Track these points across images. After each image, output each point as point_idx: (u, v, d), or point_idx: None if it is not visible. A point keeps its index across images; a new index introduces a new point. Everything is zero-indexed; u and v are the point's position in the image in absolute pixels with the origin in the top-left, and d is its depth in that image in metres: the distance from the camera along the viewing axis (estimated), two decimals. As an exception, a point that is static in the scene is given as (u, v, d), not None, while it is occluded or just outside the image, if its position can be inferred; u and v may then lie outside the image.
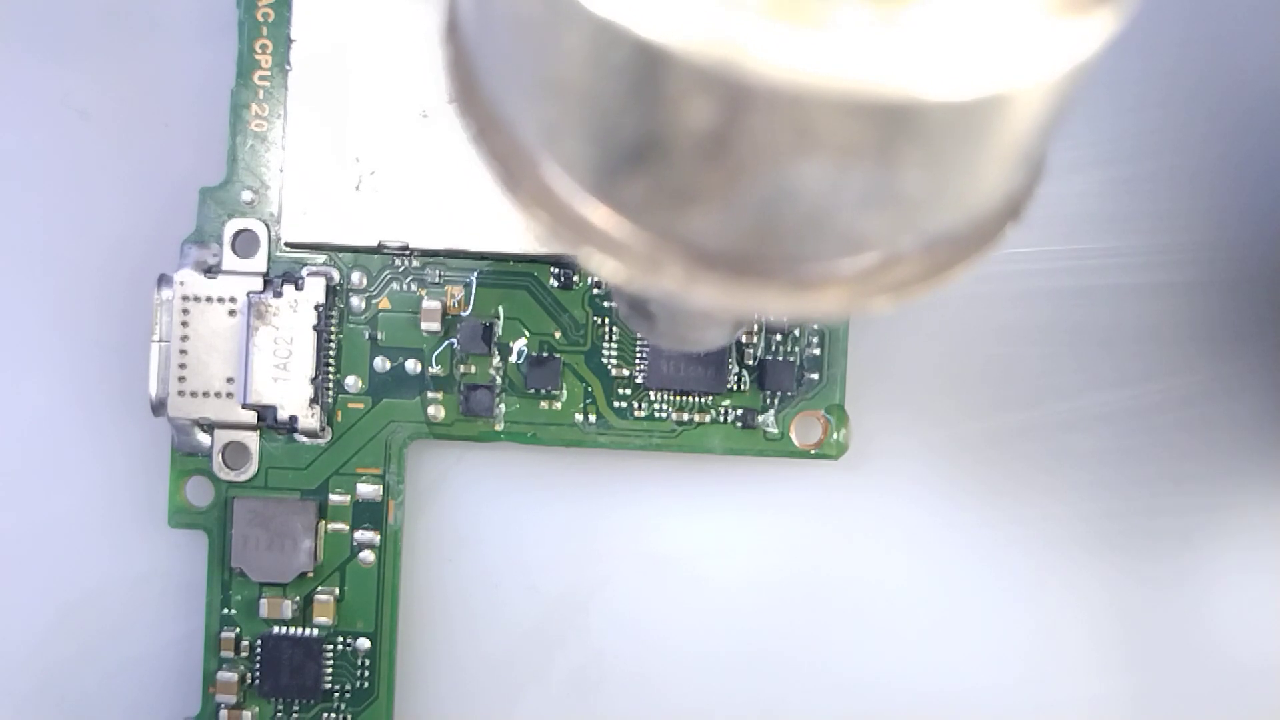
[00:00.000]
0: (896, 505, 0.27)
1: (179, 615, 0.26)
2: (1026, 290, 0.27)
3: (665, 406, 0.26)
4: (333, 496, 0.25)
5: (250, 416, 0.25)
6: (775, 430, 0.26)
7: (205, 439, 0.25)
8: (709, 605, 0.27)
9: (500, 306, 0.25)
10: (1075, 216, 0.27)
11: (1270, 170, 0.27)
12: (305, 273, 0.25)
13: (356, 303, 0.25)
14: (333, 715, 0.25)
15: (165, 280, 0.25)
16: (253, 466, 0.25)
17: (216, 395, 0.24)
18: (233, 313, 0.24)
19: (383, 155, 0.25)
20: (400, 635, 0.26)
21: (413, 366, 0.25)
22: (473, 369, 0.25)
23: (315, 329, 0.25)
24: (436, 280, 0.25)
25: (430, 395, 0.25)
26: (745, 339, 0.25)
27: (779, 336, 0.26)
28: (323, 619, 0.25)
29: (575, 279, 0.25)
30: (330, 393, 0.25)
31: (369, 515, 0.25)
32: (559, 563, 0.27)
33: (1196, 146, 0.27)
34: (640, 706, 0.27)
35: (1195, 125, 0.27)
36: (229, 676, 0.25)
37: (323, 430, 0.25)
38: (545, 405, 0.25)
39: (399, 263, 0.25)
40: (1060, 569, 0.27)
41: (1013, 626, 0.27)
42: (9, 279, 0.26)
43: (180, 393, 0.24)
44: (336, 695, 0.25)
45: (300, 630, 0.25)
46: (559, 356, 0.25)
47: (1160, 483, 0.27)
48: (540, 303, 0.25)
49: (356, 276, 0.25)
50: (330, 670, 0.25)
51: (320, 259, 0.25)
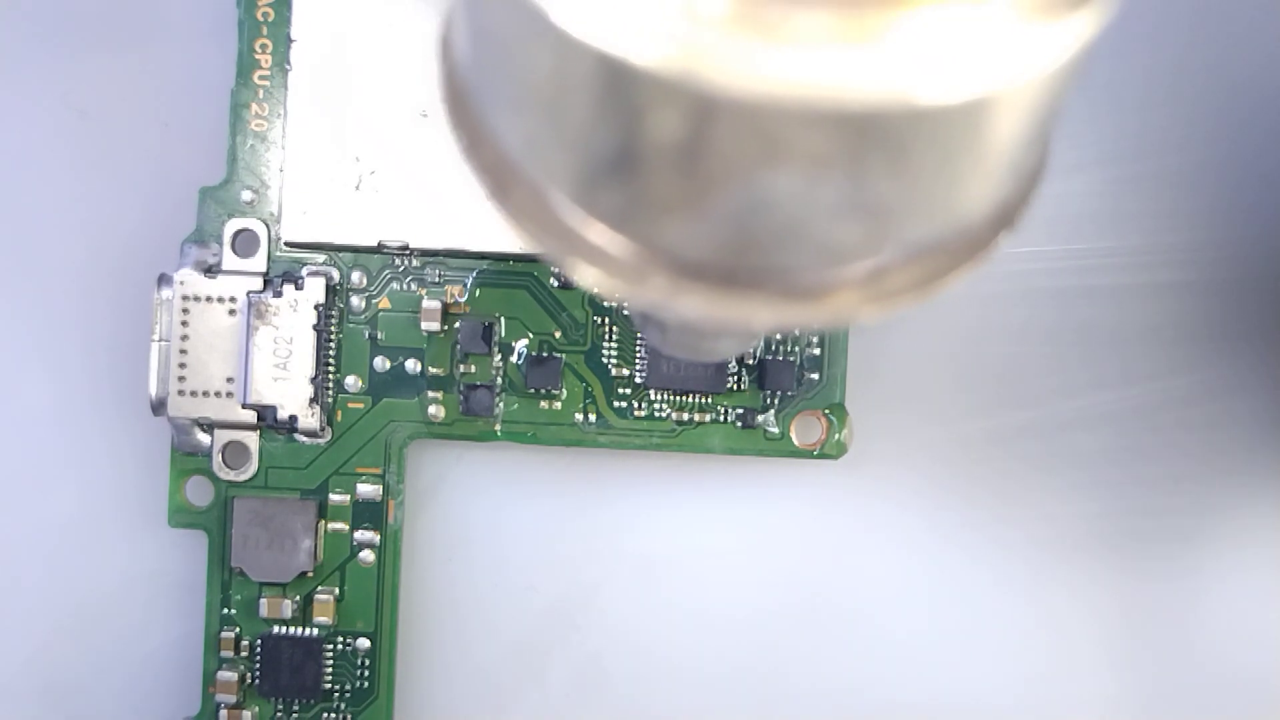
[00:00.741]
0: (897, 505, 0.27)
1: (179, 615, 0.26)
2: (1027, 290, 0.27)
3: (665, 406, 0.26)
4: (333, 496, 0.25)
5: (250, 416, 0.25)
6: (775, 430, 0.26)
7: (205, 439, 0.25)
8: (708, 604, 0.27)
9: (500, 306, 0.25)
10: (1077, 216, 0.27)
11: (1273, 169, 0.27)
12: (305, 272, 0.25)
13: (356, 302, 0.25)
14: (333, 715, 0.25)
15: (165, 280, 0.25)
16: (253, 466, 0.25)
17: (216, 395, 0.24)
18: (233, 312, 0.24)
19: (383, 155, 0.25)
20: (400, 635, 0.26)
21: (413, 366, 0.25)
22: (473, 369, 0.25)
23: (315, 329, 0.25)
24: (436, 280, 0.25)
25: (430, 395, 0.25)
26: (754, 345, 0.25)
27: (779, 336, 0.25)
28: (323, 619, 0.25)
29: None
30: (330, 392, 0.25)
31: (369, 515, 0.25)
32: (558, 562, 0.27)
33: (1199, 146, 0.27)
34: (640, 706, 0.27)
35: (1198, 124, 0.27)
36: (229, 676, 0.25)
37: (322, 430, 0.25)
38: (545, 405, 0.25)
39: (399, 262, 0.25)
40: (1061, 568, 0.27)
41: (1013, 626, 0.27)
42: (8, 279, 0.26)
43: (180, 392, 0.24)
44: (336, 695, 0.25)
45: (300, 630, 0.25)
46: (559, 356, 0.25)
47: (1162, 482, 0.27)
48: (540, 302, 0.25)
49: (356, 276, 0.25)
50: (330, 670, 0.25)
51: (320, 258, 0.25)
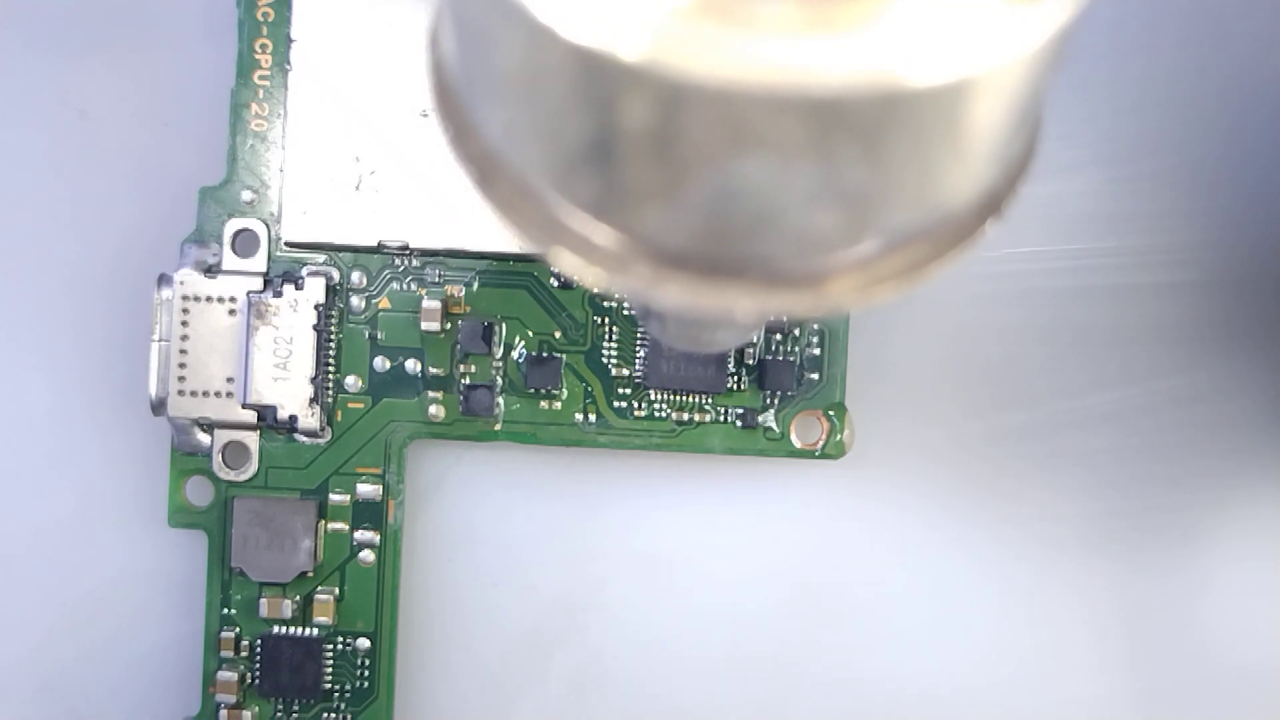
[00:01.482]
0: (897, 504, 0.27)
1: (179, 615, 0.26)
2: (1027, 290, 0.27)
3: (665, 406, 0.26)
4: (332, 496, 0.25)
5: (250, 416, 0.25)
6: (775, 430, 0.26)
7: (205, 438, 0.25)
8: (708, 604, 0.27)
9: (500, 306, 0.25)
10: (1076, 216, 0.27)
11: (1271, 170, 0.27)
12: (305, 272, 0.25)
13: (356, 302, 0.25)
14: (332, 715, 0.25)
15: (165, 280, 0.25)
16: (253, 466, 0.25)
17: (216, 395, 0.24)
18: (233, 312, 0.24)
19: (383, 155, 0.25)
20: (400, 635, 0.26)
21: (413, 366, 0.25)
22: (472, 368, 0.25)
23: (315, 328, 0.25)
24: (436, 280, 0.25)
25: (430, 395, 0.25)
26: (755, 336, 0.25)
27: (779, 336, 0.25)
28: (322, 619, 0.25)
29: (575, 278, 0.25)
30: (330, 392, 0.25)
31: (369, 515, 0.25)
32: (558, 562, 0.27)
33: (1197, 146, 0.27)
34: (640, 706, 0.27)
35: (1196, 125, 0.27)
36: (229, 676, 0.25)
37: (322, 430, 0.25)
38: (545, 405, 0.25)
39: (399, 262, 0.25)
40: (1061, 568, 0.27)
41: (1014, 625, 0.27)
42: (9, 278, 0.26)
43: (180, 392, 0.24)
44: (336, 695, 0.25)
45: (300, 630, 0.25)
46: (559, 356, 0.25)
47: (1161, 482, 0.27)
48: (540, 302, 0.25)
49: (356, 276, 0.25)
50: (330, 670, 0.25)
51: (320, 258, 0.25)
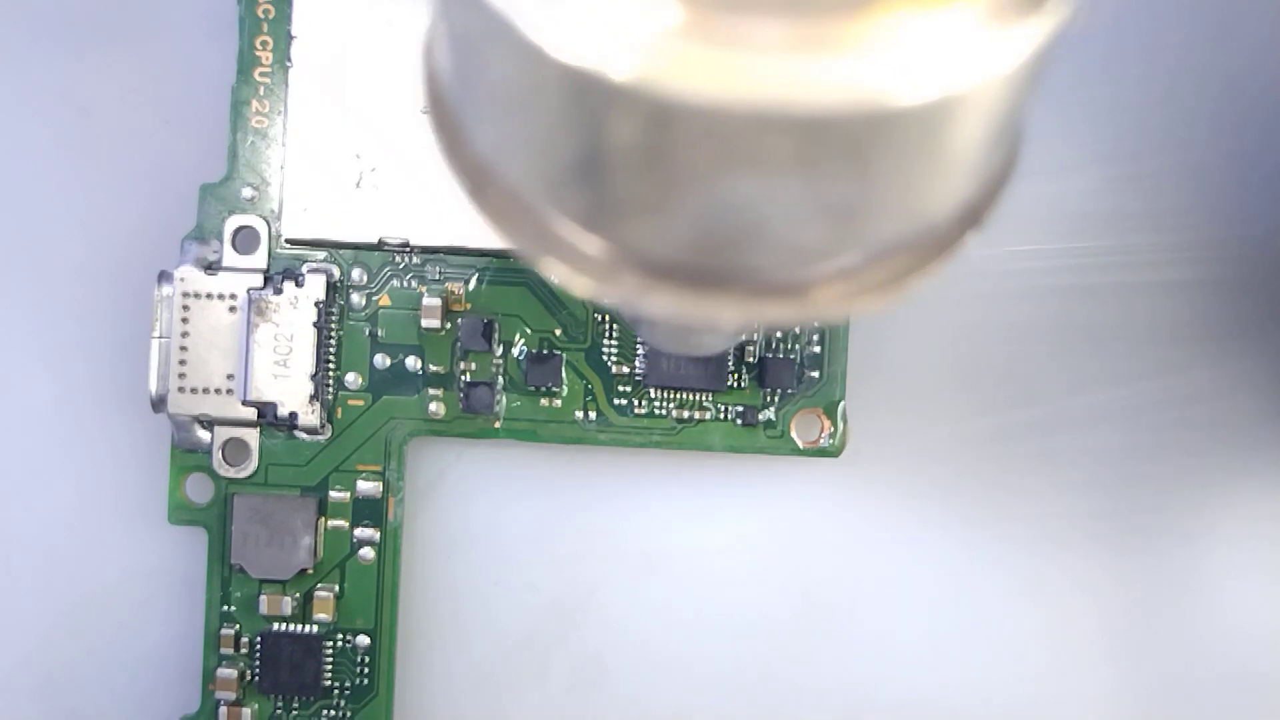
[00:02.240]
0: (897, 502, 0.27)
1: (178, 612, 0.26)
2: (1029, 288, 0.27)
3: (665, 404, 0.26)
4: (333, 493, 0.25)
5: (250, 413, 0.25)
6: (776, 428, 0.26)
7: (205, 435, 0.25)
8: (708, 601, 0.27)
9: (501, 304, 0.25)
10: (1077, 215, 0.27)
11: (1273, 168, 0.27)
12: (305, 269, 0.25)
13: (357, 299, 0.25)
14: (332, 712, 0.25)
15: (165, 277, 0.25)
16: (253, 463, 0.25)
17: (216, 392, 0.24)
18: (233, 309, 0.24)
19: (383, 152, 0.25)
20: (400, 632, 0.26)
21: (413, 363, 0.25)
22: (473, 366, 0.25)
23: (315, 326, 0.25)
24: (437, 277, 0.25)
25: (430, 392, 0.25)
26: (745, 336, 0.25)
27: (779, 334, 0.25)
28: (322, 616, 0.25)
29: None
30: (330, 389, 0.25)
31: (369, 512, 0.25)
32: (558, 559, 0.27)
33: (1199, 144, 0.27)
34: (640, 704, 0.27)
35: (1197, 123, 0.27)
36: (228, 673, 0.25)
37: (323, 427, 0.25)
38: (545, 402, 0.25)
39: (399, 259, 0.25)
40: (1061, 566, 0.27)
41: (1013, 624, 0.27)
42: (9, 276, 0.26)
43: (180, 389, 0.24)
44: (336, 692, 0.25)
45: (300, 627, 0.25)
46: (559, 354, 0.25)
47: (1162, 480, 0.27)
48: (541, 300, 0.25)
49: (357, 273, 0.25)
50: (330, 667, 0.25)
51: (321, 256, 0.25)
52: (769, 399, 0.26)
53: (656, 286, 0.10)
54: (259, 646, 0.25)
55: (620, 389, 0.26)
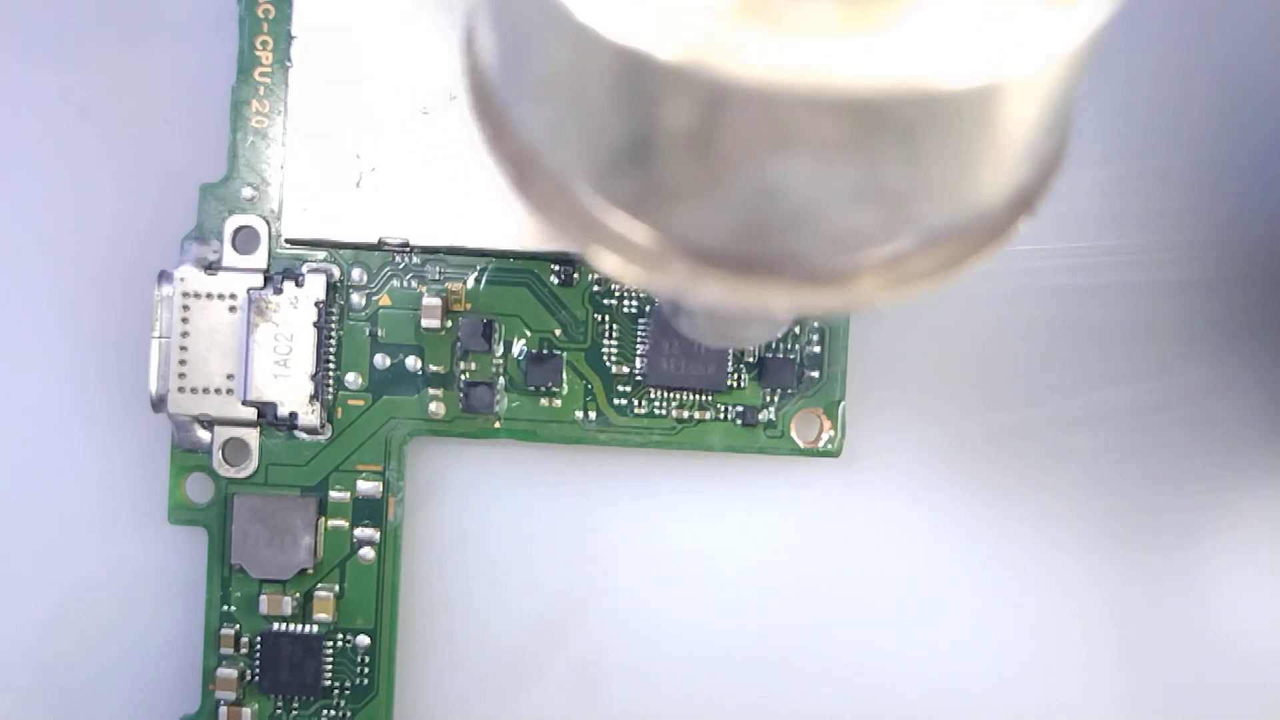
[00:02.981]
0: (896, 502, 0.27)
1: (178, 612, 0.26)
2: (1030, 288, 0.27)
3: (665, 404, 0.26)
4: (333, 493, 0.25)
5: (250, 413, 0.25)
6: (776, 428, 0.26)
7: (205, 435, 0.25)
8: (709, 602, 0.27)
9: (501, 304, 0.25)
10: (1080, 214, 0.27)
11: (1274, 168, 0.27)
12: (305, 269, 0.25)
13: (357, 299, 0.25)
14: (332, 712, 0.25)
15: (165, 277, 0.25)
16: (253, 463, 0.25)
17: (216, 392, 0.24)
18: (233, 309, 0.24)
19: (383, 152, 0.25)
20: (400, 632, 0.26)
21: (413, 363, 0.25)
22: (473, 366, 0.25)
23: (315, 326, 0.25)
24: (437, 277, 0.25)
25: (430, 392, 0.25)
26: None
27: (779, 334, 0.25)
28: (322, 616, 0.25)
29: (575, 276, 0.25)
30: (330, 389, 0.25)
31: (369, 512, 0.25)
32: (559, 560, 0.27)
33: (1205, 144, 0.27)
34: (640, 704, 0.27)
35: (1199, 123, 0.27)
36: (228, 673, 0.25)
37: (323, 427, 0.25)
38: (545, 402, 0.25)
39: (399, 259, 0.25)
40: (1060, 566, 0.27)
41: (1012, 623, 0.27)
42: (9, 275, 0.26)
43: (180, 389, 0.24)
44: (336, 692, 0.25)
45: (300, 627, 0.25)
46: (559, 353, 0.25)
47: (1160, 481, 0.27)
48: (541, 300, 0.25)
49: (357, 273, 0.25)
50: (330, 667, 0.25)
51: (320, 255, 0.25)
52: (769, 399, 0.26)
53: (706, 275, 0.10)
54: (259, 646, 0.25)
55: (620, 389, 0.26)
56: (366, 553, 0.25)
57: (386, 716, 0.26)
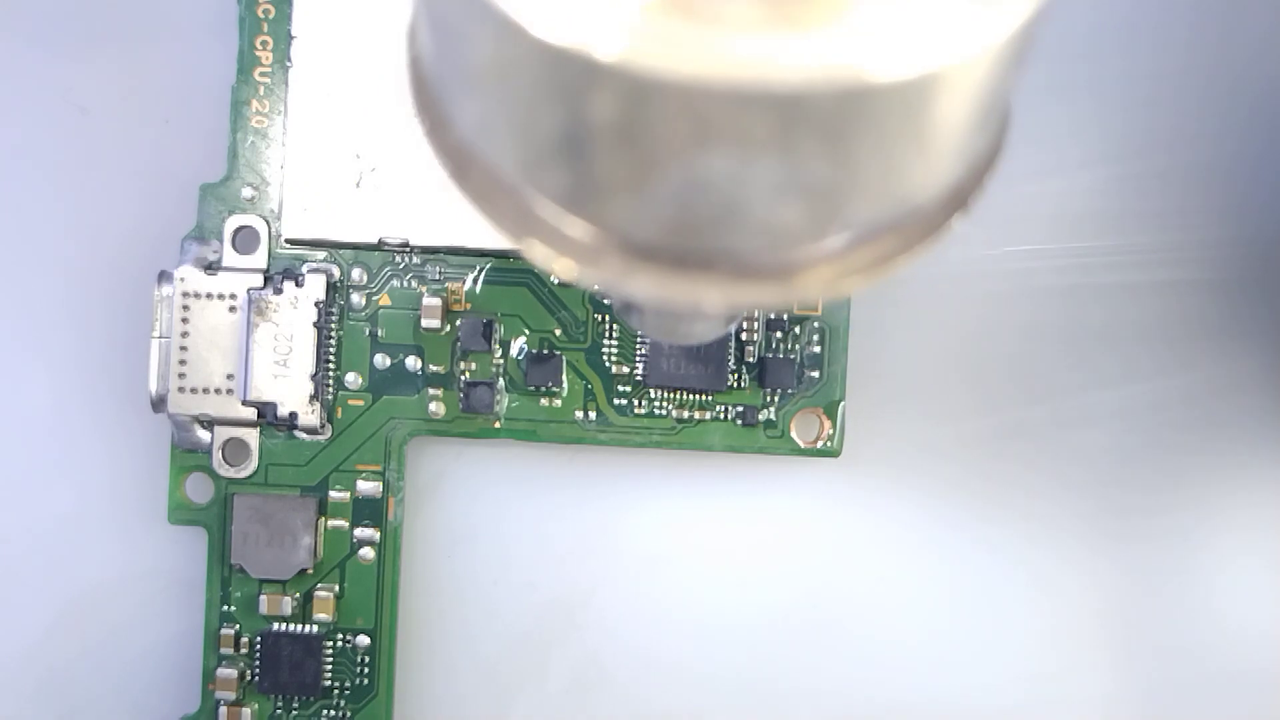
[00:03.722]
0: (896, 502, 0.27)
1: (178, 611, 0.26)
2: (1030, 288, 0.27)
3: (665, 404, 0.26)
4: (333, 493, 0.25)
5: (250, 413, 0.25)
6: (776, 428, 0.26)
7: (205, 435, 0.25)
8: (708, 601, 0.27)
9: (500, 303, 0.25)
10: (1077, 214, 0.27)
11: (1275, 168, 0.27)
12: (305, 269, 0.25)
13: (357, 299, 0.25)
14: (332, 712, 0.25)
15: (165, 277, 0.25)
16: (253, 463, 0.25)
17: (216, 392, 0.24)
18: (233, 309, 0.24)
19: (383, 152, 0.25)
20: (400, 632, 0.26)
21: (413, 363, 0.25)
22: (473, 366, 0.25)
23: (315, 325, 0.25)
24: (437, 277, 0.25)
25: (430, 392, 0.25)
26: (745, 336, 0.25)
27: (779, 334, 0.25)
28: (322, 616, 0.25)
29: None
30: (330, 389, 0.25)
31: (369, 512, 0.25)
32: (558, 559, 0.27)
33: (1203, 144, 0.27)
34: (640, 702, 0.27)
35: (1203, 123, 0.27)
36: (228, 673, 0.25)
37: (323, 427, 0.25)
38: (545, 402, 0.25)
39: (399, 259, 0.25)
40: (1060, 567, 0.27)
41: (1013, 624, 0.27)
42: (9, 275, 0.26)
43: (180, 389, 0.24)
44: (336, 692, 0.25)
45: (300, 627, 0.25)
46: (559, 353, 0.25)
47: (1161, 480, 0.27)
48: (541, 300, 0.25)
49: (357, 273, 0.25)
50: (330, 667, 0.25)
51: (321, 255, 0.25)
52: (769, 399, 0.26)
53: (639, 268, 0.10)
54: (259, 646, 0.25)
55: (620, 389, 0.26)
56: (366, 553, 0.25)
57: (386, 716, 0.26)
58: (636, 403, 0.26)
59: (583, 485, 0.27)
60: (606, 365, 0.26)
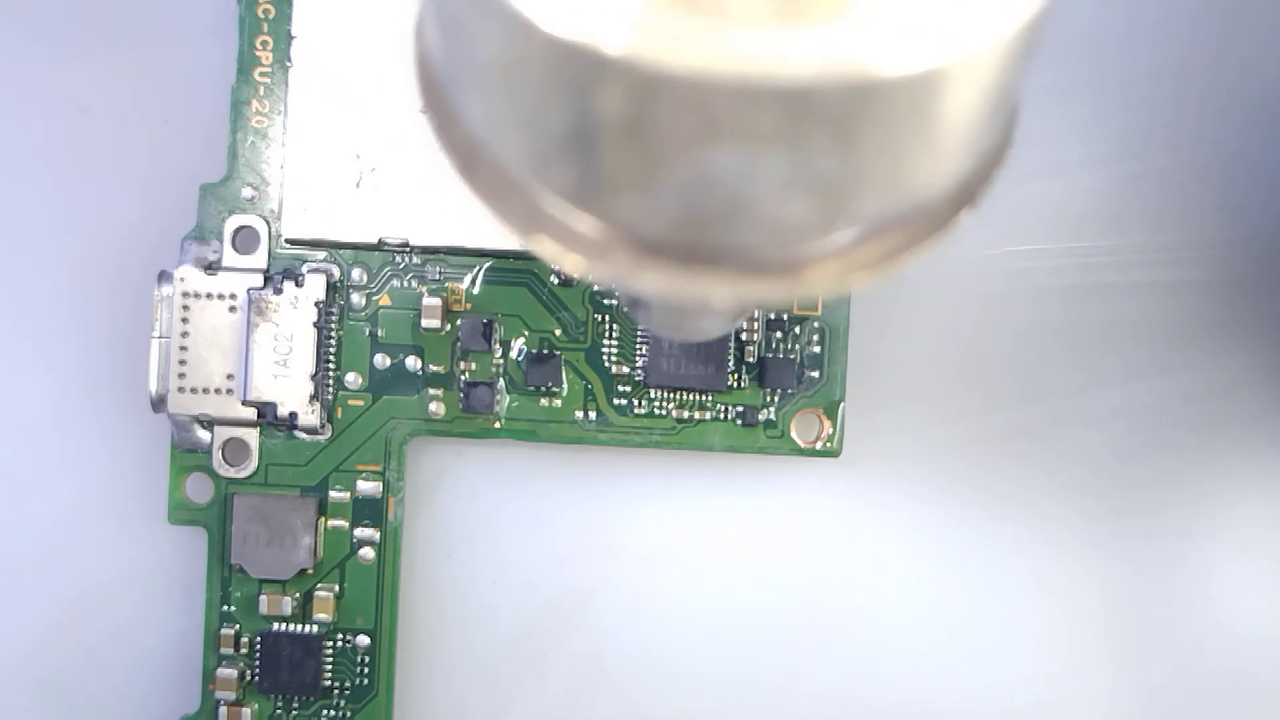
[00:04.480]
0: (897, 502, 0.27)
1: (178, 611, 0.26)
2: (1031, 288, 0.27)
3: (665, 404, 0.26)
4: (332, 493, 0.25)
5: (250, 413, 0.25)
6: (776, 428, 0.26)
7: (205, 435, 0.25)
8: (707, 601, 0.27)
9: (501, 304, 0.25)
10: (1078, 214, 0.27)
11: (1274, 168, 0.27)
12: (305, 269, 0.25)
13: (357, 299, 0.25)
14: (332, 712, 0.25)
15: (165, 277, 0.25)
16: (253, 463, 0.25)
17: (216, 392, 0.24)
18: (233, 309, 0.24)
19: (383, 152, 0.25)
20: (400, 632, 0.26)
21: (413, 363, 0.25)
22: (473, 366, 0.25)
23: (315, 325, 0.25)
24: (437, 277, 0.25)
25: (430, 392, 0.25)
26: (746, 336, 0.25)
27: (779, 334, 0.25)
28: (322, 616, 0.25)
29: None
30: (330, 389, 0.25)
31: (369, 512, 0.25)
32: (558, 559, 0.27)
33: (1204, 144, 0.27)
34: (639, 703, 0.27)
35: (1200, 123, 0.27)
36: (228, 673, 0.25)
37: (323, 427, 0.25)
38: (545, 402, 0.25)
39: (399, 259, 0.25)
40: (1060, 566, 0.27)
41: (1013, 623, 0.27)
42: (9, 275, 0.26)
43: (180, 389, 0.24)
44: (336, 692, 0.25)
45: (300, 627, 0.25)
46: (559, 354, 0.25)
47: (1159, 481, 0.27)
48: (541, 300, 0.25)
49: (357, 273, 0.25)
50: (330, 667, 0.25)
51: (321, 255, 0.25)
52: (769, 399, 0.26)
53: (647, 264, 0.10)
54: (259, 646, 0.25)
55: (620, 389, 0.26)
56: (366, 553, 0.25)
57: (386, 716, 0.26)
58: (636, 403, 0.26)
59: (582, 485, 0.27)
60: (606, 365, 0.26)
